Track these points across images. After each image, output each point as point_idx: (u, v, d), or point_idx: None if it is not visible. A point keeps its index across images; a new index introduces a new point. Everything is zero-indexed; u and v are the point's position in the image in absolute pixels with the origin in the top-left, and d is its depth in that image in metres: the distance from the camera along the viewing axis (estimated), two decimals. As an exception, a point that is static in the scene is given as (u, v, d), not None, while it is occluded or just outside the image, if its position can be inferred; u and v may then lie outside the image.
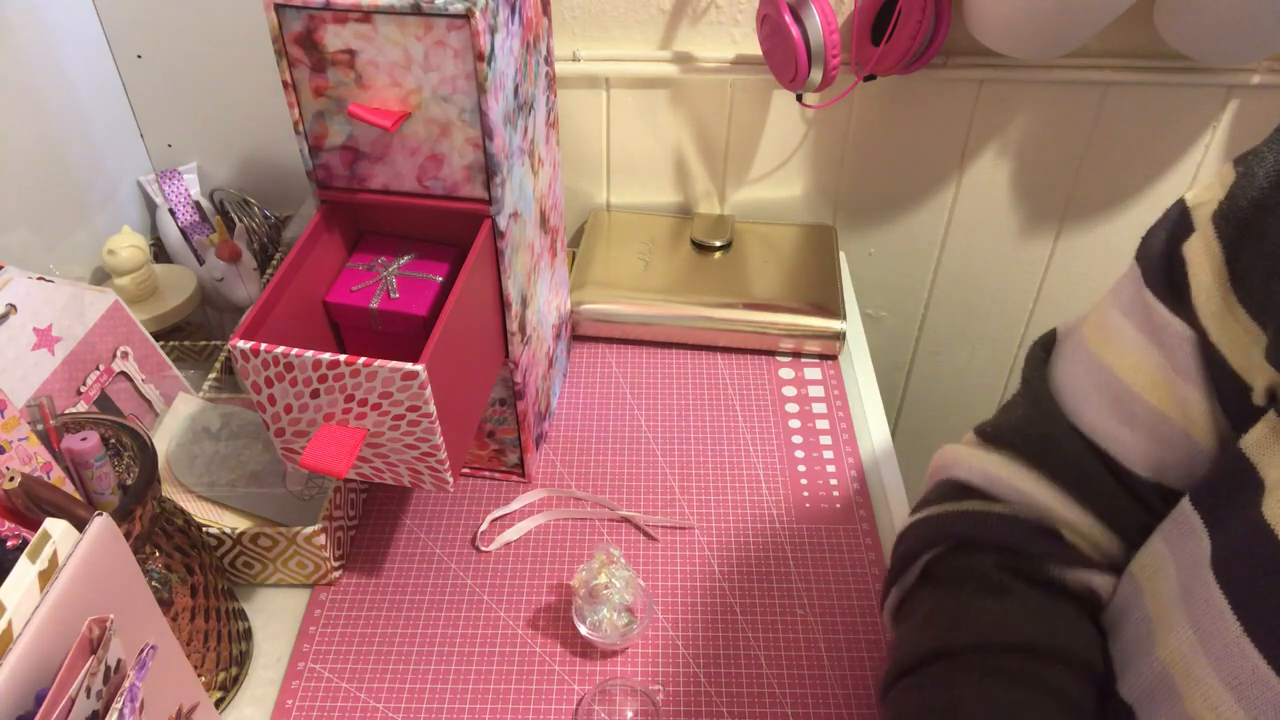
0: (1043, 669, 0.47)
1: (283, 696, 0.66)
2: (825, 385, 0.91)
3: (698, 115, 1.00)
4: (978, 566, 0.51)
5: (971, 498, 0.53)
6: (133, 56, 0.98)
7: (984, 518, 0.52)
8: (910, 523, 0.56)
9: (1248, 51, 0.85)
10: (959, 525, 0.53)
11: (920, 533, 0.55)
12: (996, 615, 0.49)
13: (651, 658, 0.68)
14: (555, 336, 0.86)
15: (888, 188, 1.06)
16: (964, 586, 0.51)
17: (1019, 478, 0.52)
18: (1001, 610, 0.49)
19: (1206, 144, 1.00)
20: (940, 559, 0.53)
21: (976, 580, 0.51)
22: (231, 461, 0.76)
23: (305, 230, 0.64)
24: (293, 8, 0.56)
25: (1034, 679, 0.47)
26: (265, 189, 1.06)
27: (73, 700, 0.41)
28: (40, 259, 0.90)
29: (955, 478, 0.55)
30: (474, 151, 0.61)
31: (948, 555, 0.53)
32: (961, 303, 1.16)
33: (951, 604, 0.51)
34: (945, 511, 0.54)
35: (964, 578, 0.51)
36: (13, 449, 0.53)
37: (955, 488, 0.55)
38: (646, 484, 0.81)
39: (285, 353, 0.56)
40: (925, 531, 0.54)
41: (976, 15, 0.86)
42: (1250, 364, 0.43)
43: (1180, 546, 0.45)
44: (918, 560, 0.54)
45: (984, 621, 0.49)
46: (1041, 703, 0.46)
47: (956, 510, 0.53)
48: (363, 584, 0.73)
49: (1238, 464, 0.42)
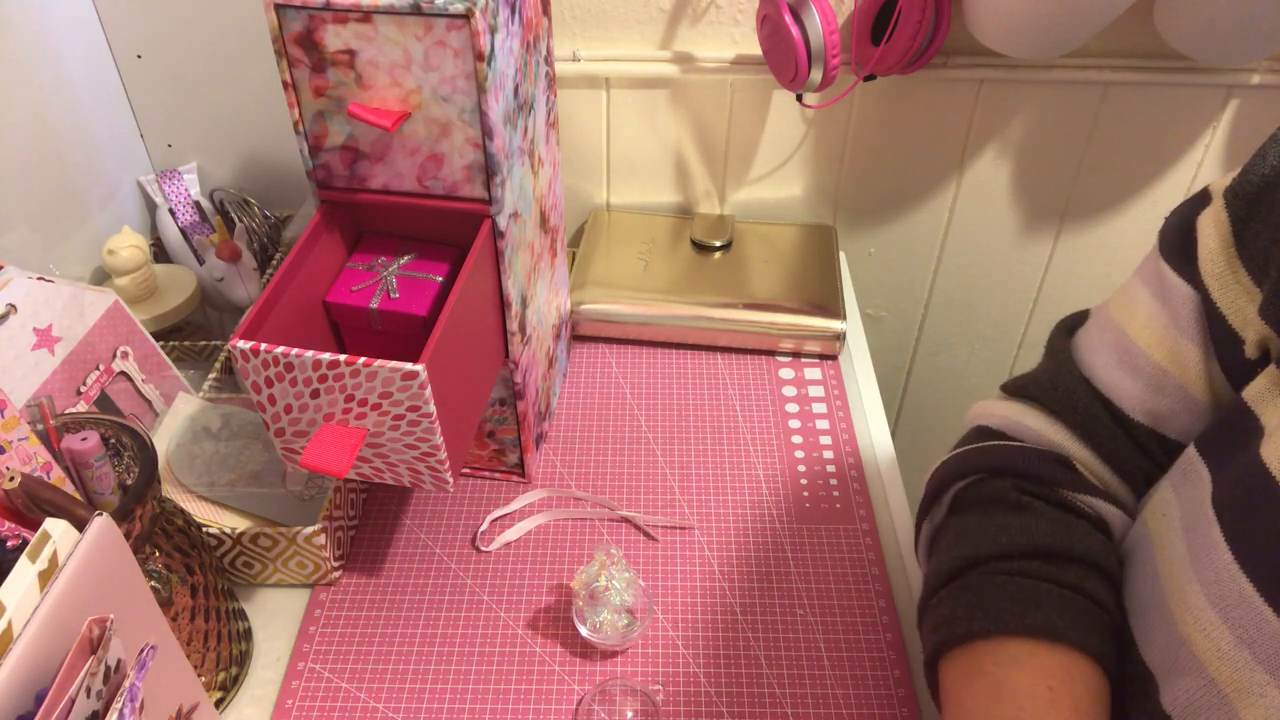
0: (1062, 570, 0.51)
1: (283, 696, 0.66)
2: (825, 385, 0.91)
3: (698, 115, 1.00)
4: (999, 490, 0.55)
5: (994, 439, 0.59)
6: (133, 56, 0.98)
7: (1003, 450, 0.57)
8: (939, 464, 0.61)
9: (1248, 51, 0.85)
10: (981, 458, 0.57)
11: (947, 470, 0.59)
12: (1016, 528, 0.53)
13: (651, 658, 0.68)
14: (555, 336, 0.86)
15: (888, 188, 1.06)
16: (987, 508, 0.55)
17: (1035, 420, 0.57)
18: (1020, 524, 0.53)
19: (1206, 144, 1.00)
20: (965, 489, 0.58)
21: (998, 502, 0.55)
22: (231, 461, 0.76)
23: (305, 230, 0.64)
24: (293, 8, 0.56)
25: (1054, 577, 0.50)
26: (265, 189, 1.06)
27: (73, 700, 0.41)
28: (40, 259, 0.90)
29: (981, 424, 0.61)
30: (474, 151, 0.61)
31: (972, 486, 0.57)
32: (961, 303, 1.16)
33: (975, 524, 0.55)
34: (969, 449, 0.59)
35: (987, 501, 0.56)
36: (13, 449, 0.53)
37: (980, 432, 0.60)
38: (646, 484, 0.81)
39: (285, 353, 0.56)
40: (952, 468, 0.59)
41: (976, 15, 0.86)
42: (1245, 321, 0.48)
43: (1185, 490, 0.48)
44: (945, 494, 0.59)
45: (1006, 534, 0.53)
46: (1061, 593, 0.50)
47: (979, 447, 0.58)
48: (363, 584, 0.73)
49: (1240, 412, 0.46)
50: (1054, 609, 0.49)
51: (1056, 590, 0.50)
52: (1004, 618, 0.49)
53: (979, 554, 0.53)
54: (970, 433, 0.61)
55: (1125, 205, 1.06)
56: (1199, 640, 0.43)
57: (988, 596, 0.51)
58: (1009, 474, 0.56)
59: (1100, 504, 0.54)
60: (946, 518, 0.59)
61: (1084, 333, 0.59)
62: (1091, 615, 0.49)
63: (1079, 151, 1.01)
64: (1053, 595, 0.50)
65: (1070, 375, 0.57)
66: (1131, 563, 0.52)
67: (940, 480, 0.59)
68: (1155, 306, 0.53)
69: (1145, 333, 0.53)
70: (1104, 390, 0.55)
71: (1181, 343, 0.51)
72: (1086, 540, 0.52)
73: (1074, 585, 0.50)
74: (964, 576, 0.53)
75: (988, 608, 0.50)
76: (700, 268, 0.98)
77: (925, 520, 0.61)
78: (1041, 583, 0.50)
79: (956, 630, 0.51)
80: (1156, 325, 0.53)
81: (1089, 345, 0.57)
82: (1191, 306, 0.51)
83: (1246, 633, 0.41)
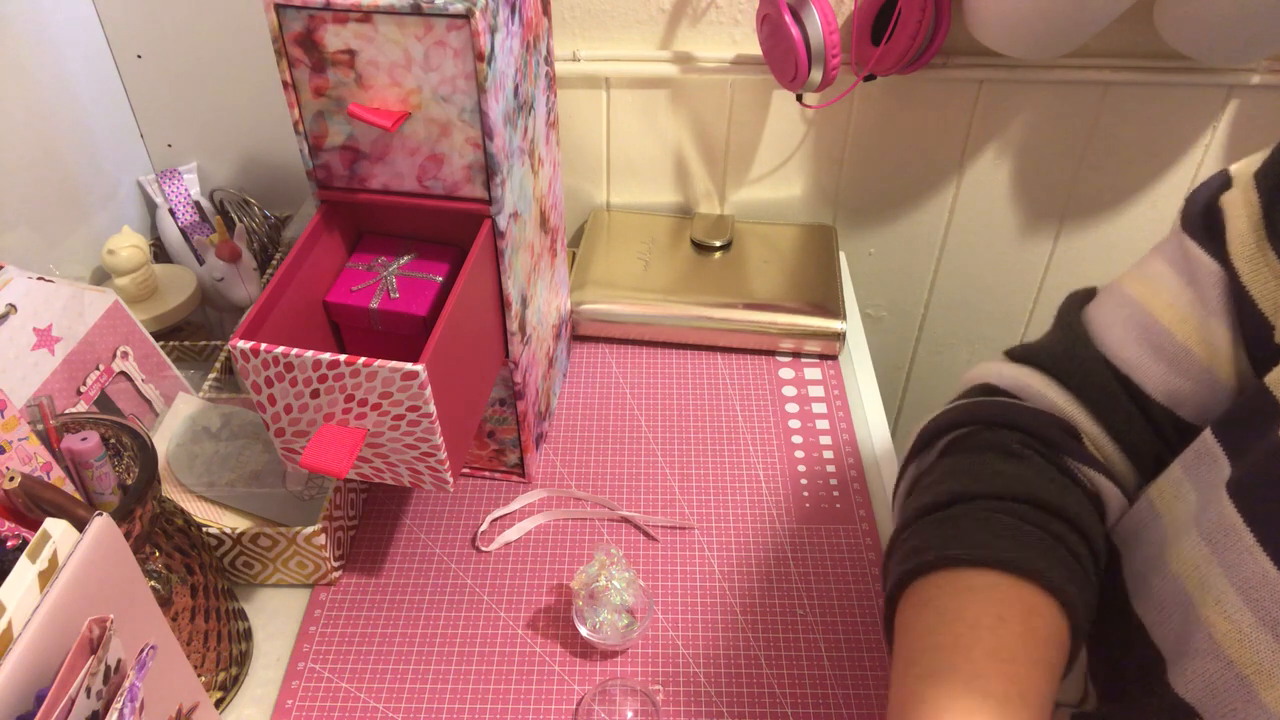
0: (1051, 522, 0.50)
1: (283, 696, 0.66)
2: (825, 385, 0.91)
3: (698, 115, 1.00)
4: (1000, 439, 0.54)
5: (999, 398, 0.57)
6: (133, 56, 0.98)
7: (1010, 406, 0.55)
8: (937, 413, 0.59)
9: (1248, 51, 0.85)
10: (987, 410, 0.56)
11: (947, 419, 0.57)
12: (1012, 474, 0.51)
13: (651, 658, 0.68)
14: (555, 336, 0.86)
15: (888, 188, 1.06)
16: (984, 453, 0.54)
17: (1046, 387, 0.55)
18: (1017, 471, 0.51)
19: (1206, 144, 1.00)
20: (963, 437, 0.56)
21: (997, 449, 0.53)
22: (231, 461, 0.76)
23: (305, 230, 0.64)
24: (293, 8, 0.56)
25: (1043, 525, 0.49)
26: (265, 189, 1.06)
27: (73, 700, 0.41)
28: (40, 259, 0.90)
29: (986, 382, 0.58)
30: (474, 151, 0.61)
31: (971, 434, 0.56)
32: (961, 303, 1.16)
33: (969, 464, 0.53)
34: (973, 401, 0.57)
35: (985, 447, 0.54)
36: (13, 449, 0.53)
37: (984, 389, 0.58)
38: (646, 484, 0.81)
39: (285, 353, 0.56)
40: (952, 418, 0.57)
41: (976, 15, 0.86)
42: (1275, 306, 0.47)
43: (1199, 473, 0.48)
44: (940, 440, 0.57)
45: (1001, 478, 0.51)
46: (1043, 538, 0.49)
47: (983, 400, 0.57)
48: (363, 584, 0.73)
49: (1260, 397, 0.45)
50: (1034, 550, 0.48)
51: (1039, 534, 0.49)
52: (976, 549, 0.48)
53: (969, 491, 0.51)
54: (974, 389, 0.59)
55: (1125, 205, 1.06)
56: (1218, 622, 0.43)
57: (966, 529, 0.49)
58: (1014, 429, 0.54)
59: (1100, 480, 0.53)
60: (937, 460, 0.57)
61: (1097, 308, 0.57)
62: (1071, 566, 0.48)
63: (1079, 151, 1.01)
64: (1035, 537, 0.48)
65: (1086, 349, 0.55)
66: (1137, 545, 0.51)
67: (937, 427, 0.58)
68: (1180, 285, 0.51)
69: (1169, 311, 0.52)
70: (1122, 367, 0.53)
71: (1210, 323, 0.50)
72: (1079, 507, 0.51)
73: (1060, 537, 0.49)
74: (948, 509, 0.52)
75: (964, 539, 0.49)
76: (700, 268, 0.98)
77: (912, 463, 0.59)
78: (1026, 524, 0.49)
79: (925, 559, 0.49)
80: (1181, 304, 0.51)
81: (1105, 321, 0.55)
82: (1221, 286, 0.49)
83: (1269, 614, 0.41)
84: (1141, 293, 0.54)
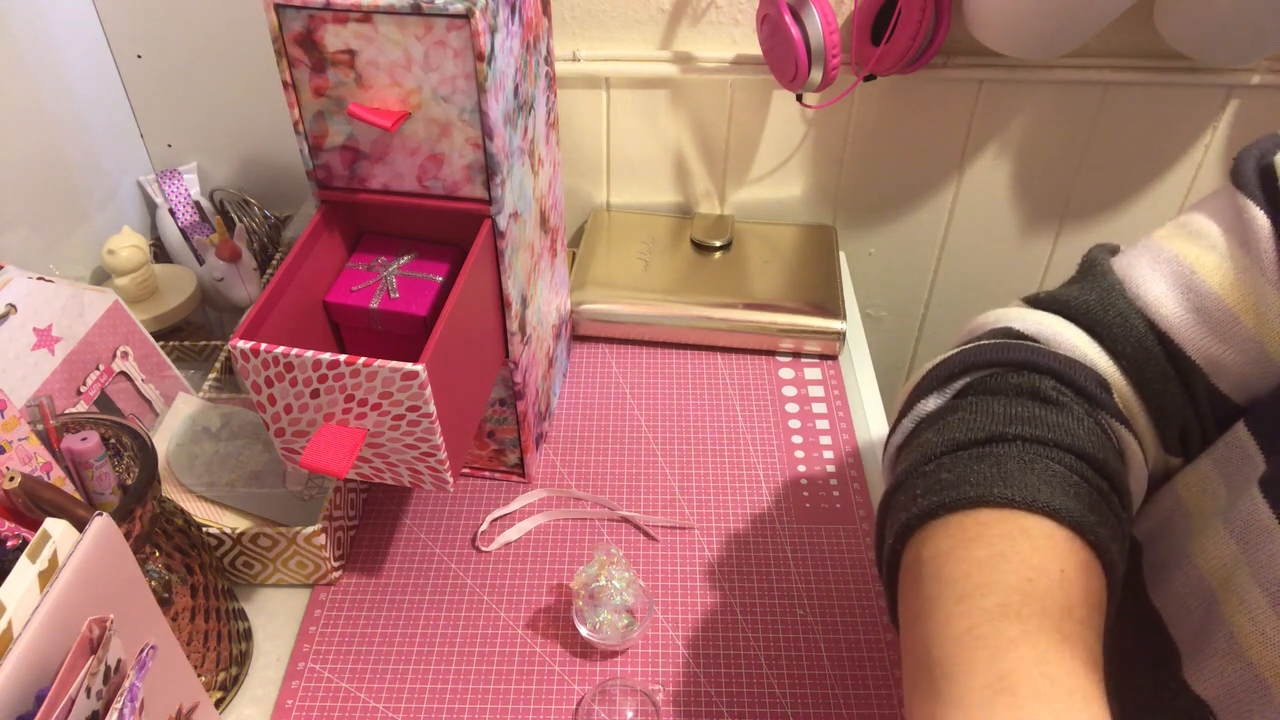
0: (1096, 478, 0.45)
1: (283, 696, 0.66)
2: (825, 385, 0.91)
3: (698, 115, 1.00)
4: (1032, 383, 0.49)
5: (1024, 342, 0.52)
6: (133, 56, 0.98)
7: (1042, 351, 0.50)
8: (946, 356, 0.53)
9: (1248, 51, 0.85)
10: (1021, 352, 0.50)
11: (964, 359, 0.52)
12: (1055, 422, 0.47)
13: (651, 658, 0.68)
14: (555, 336, 0.86)
15: (888, 188, 1.06)
16: (1018, 395, 0.49)
17: (1076, 337, 0.50)
18: (1059, 420, 0.47)
19: (1206, 144, 1.00)
20: (987, 378, 0.51)
21: (1030, 393, 0.49)
22: (231, 461, 0.76)
23: (305, 230, 0.64)
24: (293, 8, 0.56)
25: (1089, 480, 0.45)
26: (265, 189, 1.06)
27: (73, 700, 0.41)
28: (40, 259, 0.90)
29: (1006, 325, 0.53)
30: (474, 151, 0.61)
31: (997, 375, 0.50)
32: (961, 303, 1.16)
33: (1002, 404, 0.48)
34: (998, 343, 0.52)
35: (1017, 390, 0.49)
36: (13, 449, 0.53)
37: (1005, 333, 0.53)
38: (646, 484, 0.81)
39: (285, 353, 0.56)
40: (970, 358, 0.51)
41: (976, 15, 0.86)
42: None
43: (1230, 469, 0.45)
44: (957, 380, 0.52)
45: (1042, 424, 0.47)
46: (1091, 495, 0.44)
47: (1008, 342, 0.51)
48: (363, 584, 0.73)
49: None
50: (1088, 506, 0.43)
51: (1089, 489, 0.44)
52: (1029, 494, 0.43)
53: (1006, 432, 0.46)
54: (992, 332, 0.54)
55: (1125, 205, 1.06)
56: (1241, 623, 0.41)
57: (1011, 470, 0.44)
58: (1048, 374, 0.49)
59: (1129, 440, 0.48)
60: (957, 399, 0.51)
61: (1133, 261, 0.51)
62: (1117, 532, 0.44)
63: (1079, 151, 1.01)
64: (1085, 491, 0.44)
65: (1122, 300, 0.50)
66: (1160, 535, 0.49)
67: (951, 368, 0.52)
68: (1232, 245, 0.47)
69: (1218, 274, 0.47)
70: (1160, 323, 0.49)
71: (1264, 289, 0.46)
72: (1119, 465, 0.47)
73: (1105, 495, 0.45)
74: (984, 446, 0.46)
75: (1011, 480, 0.43)
76: (700, 268, 0.98)
77: (919, 402, 0.53)
78: (1074, 476, 0.44)
79: (964, 493, 0.44)
80: (1233, 266, 0.47)
81: (1142, 275, 0.50)
82: (1276, 247, 0.46)
83: None
84: (1186, 251, 0.49)
